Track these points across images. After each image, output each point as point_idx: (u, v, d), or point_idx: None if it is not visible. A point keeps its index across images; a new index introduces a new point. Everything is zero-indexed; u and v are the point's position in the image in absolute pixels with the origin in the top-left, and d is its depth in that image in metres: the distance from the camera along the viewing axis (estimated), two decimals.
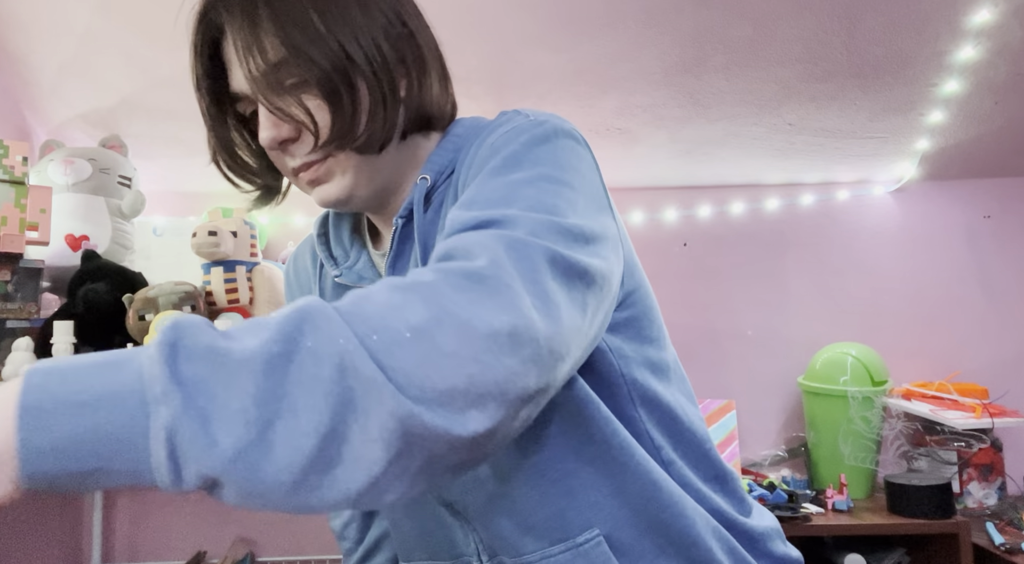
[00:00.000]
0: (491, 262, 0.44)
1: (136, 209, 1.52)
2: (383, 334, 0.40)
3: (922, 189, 1.96)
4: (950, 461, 1.70)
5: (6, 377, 1.21)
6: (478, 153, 0.63)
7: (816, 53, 1.52)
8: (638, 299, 0.66)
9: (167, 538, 1.75)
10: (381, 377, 0.38)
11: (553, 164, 0.57)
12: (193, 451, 0.39)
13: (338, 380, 0.38)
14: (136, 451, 0.39)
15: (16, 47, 1.48)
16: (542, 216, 0.50)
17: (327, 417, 0.38)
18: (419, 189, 0.67)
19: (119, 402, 0.38)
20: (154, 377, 0.38)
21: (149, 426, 0.38)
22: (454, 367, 0.39)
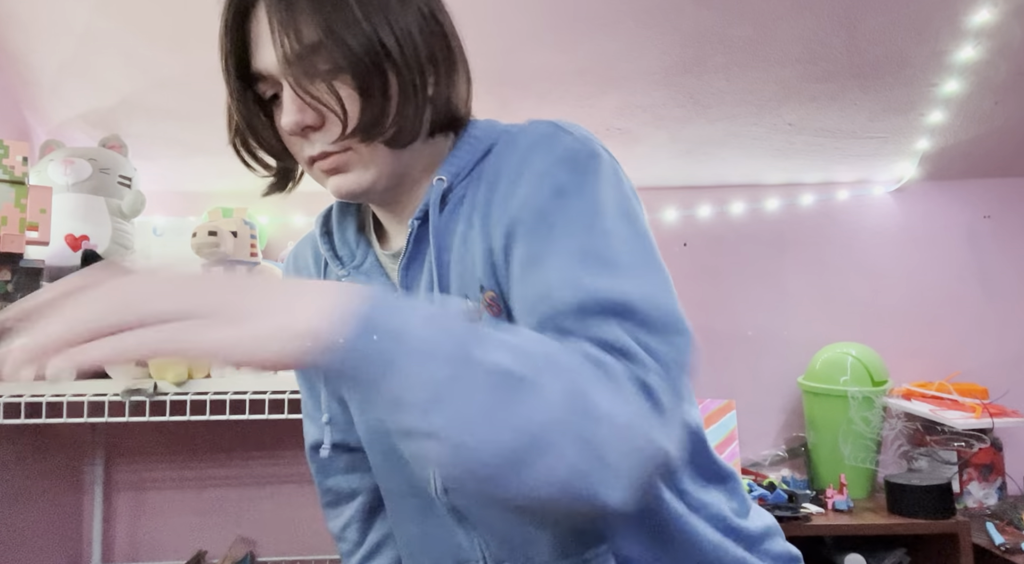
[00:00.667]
0: (657, 384, 0.50)
1: (136, 209, 1.52)
2: (598, 424, 0.46)
3: (922, 189, 1.96)
4: (950, 461, 1.70)
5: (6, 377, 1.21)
6: (518, 168, 0.61)
7: (816, 53, 1.52)
8: None
9: (167, 538, 1.75)
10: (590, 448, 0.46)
11: (625, 210, 0.60)
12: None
13: (566, 414, 0.45)
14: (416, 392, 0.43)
15: (16, 47, 1.48)
16: (657, 310, 0.55)
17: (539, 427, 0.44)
18: (436, 190, 0.65)
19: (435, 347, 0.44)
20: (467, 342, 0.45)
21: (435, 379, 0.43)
22: (630, 468, 0.47)
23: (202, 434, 1.75)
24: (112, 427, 1.72)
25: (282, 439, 1.74)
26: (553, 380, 0.45)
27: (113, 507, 1.75)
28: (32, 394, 1.19)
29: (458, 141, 0.69)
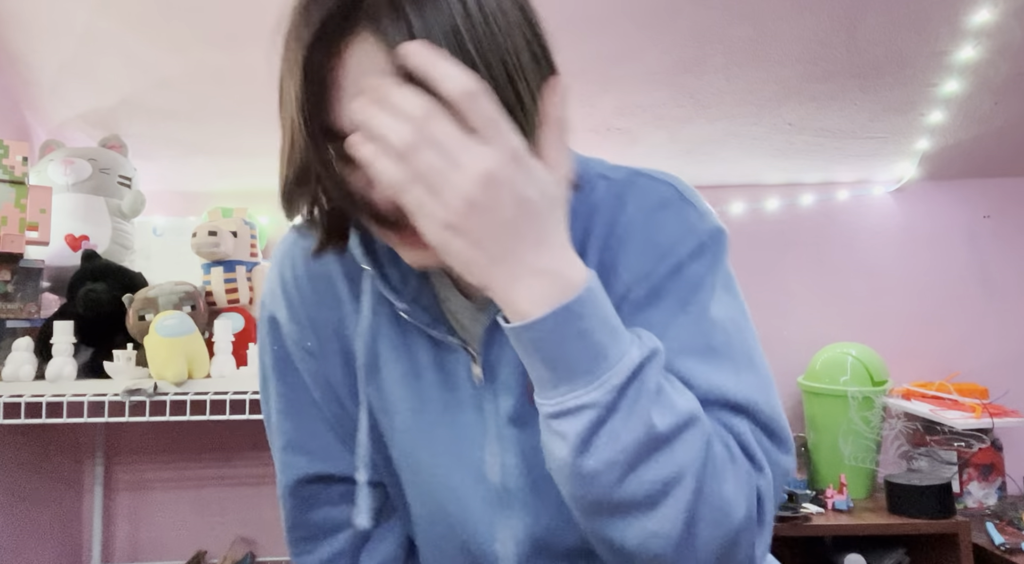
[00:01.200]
0: (767, 493, 0.53)
1: (136, 209, 1.52)
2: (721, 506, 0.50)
3: (922, 189, 1.96)
4: (950, 461, 1.70)
5: (6, 377, 1.21)
6: (642, 237, 0.59)
7: (816, 53, 1.52)
8: None
9: (167, 538, 1.75)
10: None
11: (740, 300, 0.64)
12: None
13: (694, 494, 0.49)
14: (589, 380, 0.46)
15: (16, 47, 1.48)
16: (778, 419, 0.57)
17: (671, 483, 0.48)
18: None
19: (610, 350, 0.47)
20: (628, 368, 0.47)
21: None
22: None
23: (202, 434, 1.75)
24: (112, 427, 1.72)
25: None
26: (692, 450, 0.48)
27: (113, 507, 1.75)
28: (32, 394, 1.19)
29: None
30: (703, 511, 0.48)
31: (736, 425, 0.54)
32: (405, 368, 0.63)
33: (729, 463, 0.51)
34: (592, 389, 0.46)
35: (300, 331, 0.66)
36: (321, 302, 0.66)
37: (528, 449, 0.60)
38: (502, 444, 0.61)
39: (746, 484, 0.51)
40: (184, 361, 1.21)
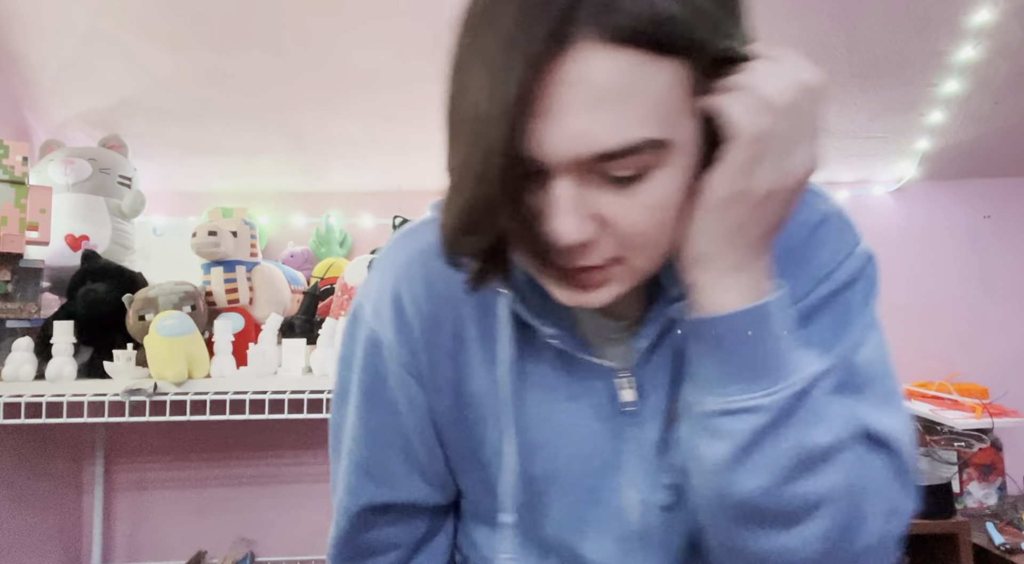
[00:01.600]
0: (904, 510, 0.57)
1: (136, 209, 1.52)
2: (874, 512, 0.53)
3: (922, 189, 1.96)
4: (950, 461, 1.70)
5: (6, 378, 1.21)
6: (802, 259, 0.59)
7: (816, 53, 1.52)
8: None
9: (167, 538, 1.75)
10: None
11: (885, 340, 0.64)
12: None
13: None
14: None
15: (16, 47, 1.48)
16: (913, 455, 0.57)
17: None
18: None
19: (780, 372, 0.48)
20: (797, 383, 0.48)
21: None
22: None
23: (202, 434, 1.75)
24: (112, 427, 1.72)
25: (282, 439, 1.74)
26: (845, 473, 0.49)
27: (113, 507, 1.75)
28: (32, 394, 1.19)
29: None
30: (839, 539, 0.49)
31: (873, 461, 0.53)
32: (549, 397, 0.58)
33: (874, 496, 0.52)
34: (770, 393, 0.46)
35: (412, 357, 0.60)
36: (440, 328, 0.59)
37: (670, 482, 0.58)
38: (646, 477, 0.58)
39: (883, 523, 0.53)
40: (184, 361, 1.21)
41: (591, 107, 0.41)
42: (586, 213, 0.45)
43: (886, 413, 0.55)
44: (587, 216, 0.45)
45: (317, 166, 1.80)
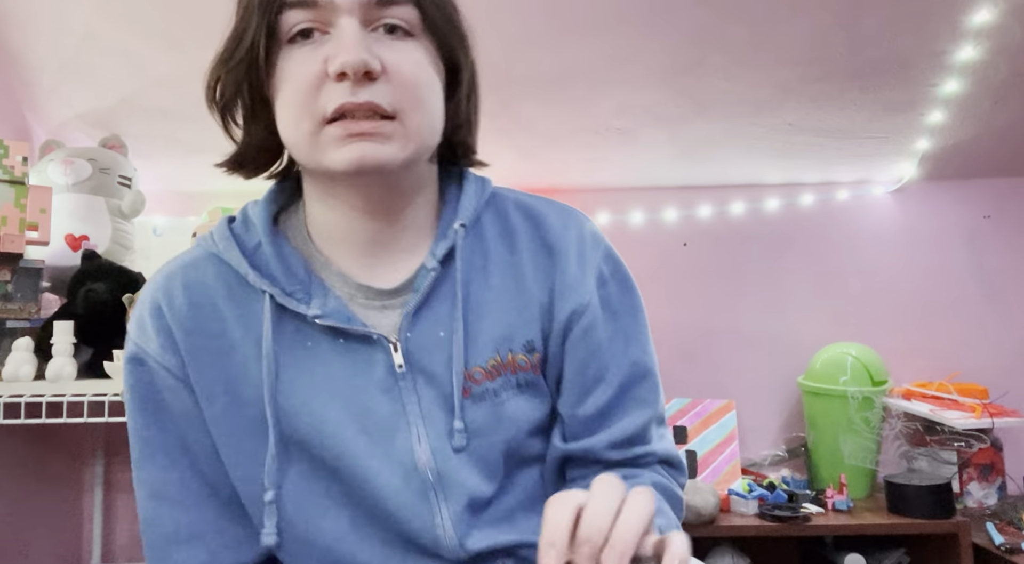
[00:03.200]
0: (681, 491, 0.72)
1: (136, 209, 1.52)
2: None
3: (922, 189, 1.96)
4: (950, 461, 1.70)
5: (6, 377, 1.21)
6: (577, 256, 0.66)
7: (816, 53, 1.52)
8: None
9: None
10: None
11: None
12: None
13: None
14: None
15: (16, 47, 1.48)
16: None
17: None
18: (460, 236, 0.64)
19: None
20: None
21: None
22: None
23: None
24: (112, 427, 1.72)
25: None
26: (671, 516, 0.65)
27: (113, 507, 1.75)
28: (32, 394, 1.19)
29: (465, 184, 0.68)
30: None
31: (669, 444, 0.73)
32: (320, 374, 0.61)
33: (676, 505, 0.71)
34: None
35: (178, 362, 0.61)
36: (203, 332, 0.62)
37: (453, 429, 0.62)
38: (429, 429, 0.62)
39: (678, 499, 0.73)
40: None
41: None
42: (368, 50, 0.54)
43: (663, 432, 0.72)
44: (369, 52, 0.54)
45: None
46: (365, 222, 0.63)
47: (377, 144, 0.55)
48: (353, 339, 0.61)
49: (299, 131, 0.56)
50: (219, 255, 0.63)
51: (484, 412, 0.63)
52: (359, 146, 0.55)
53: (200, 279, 0.63)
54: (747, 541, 1.62)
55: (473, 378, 0.63)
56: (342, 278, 0.64)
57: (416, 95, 0.56)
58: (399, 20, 0.56)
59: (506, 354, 0.64)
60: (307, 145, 0.56)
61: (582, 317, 0.66)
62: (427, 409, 0.62)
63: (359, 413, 0.61)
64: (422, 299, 0.62)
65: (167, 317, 0.62)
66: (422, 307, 0.63)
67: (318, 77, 0.55)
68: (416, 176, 0.63)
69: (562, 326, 0.66)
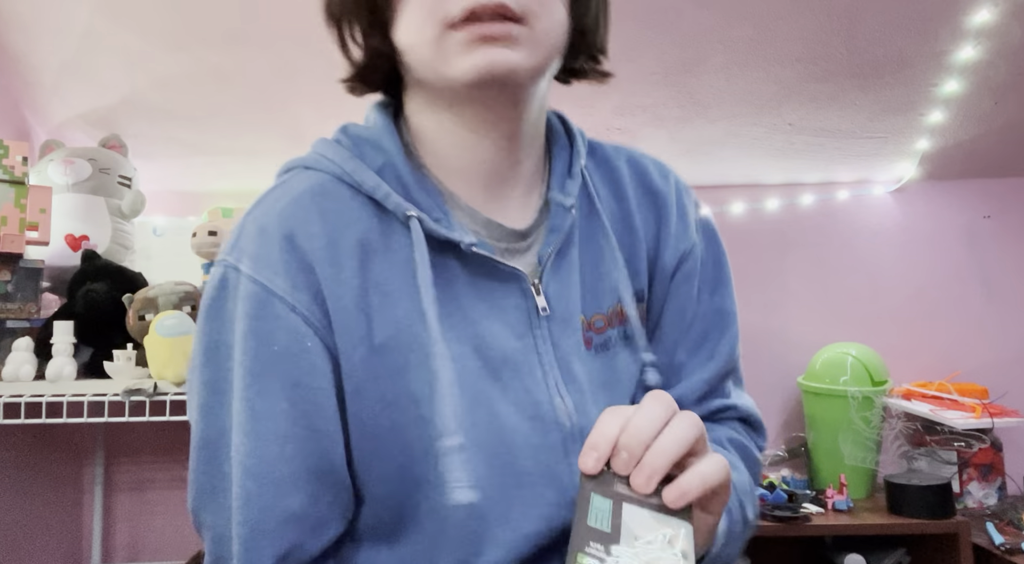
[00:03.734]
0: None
1: (136, 209, 1.52)
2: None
3: (922, 189, 1.96)
4: (950, 461, 1.70)
5: (6, 377, 1.21)
6: (679, 208, 0.67)
7: (816, 53, 1.52)
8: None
9: (167, 538, 1.75)
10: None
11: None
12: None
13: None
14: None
15: (16, 47, 1.48)
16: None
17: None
18: (589, 174, 0.63)
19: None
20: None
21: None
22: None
23: None
24: (112, 427, 1.72)
25: None
26: (754, 517, 0.63)
27: (113, 507, 1.75)
28: (32, 394, 1.19)
29: (567, 124, 0.65)
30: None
31: (747, 399, 0.77)
32: (456, 314, 0.55)
33: (756, 469, 0.71)
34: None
35: (314, 303, 0.51)
36: (344, 266, 0.52)
37: (588, 390, 0.59)
38: (567, 379, 0.58)
39: (758, 468, 0.75)
40: (184, 361, 1.21)
41: None
42: None
43: (741, 385, 0.73)
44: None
45: None
46: (486, 149, 0.57)
47: (507, 49, 0.49)
48: (494, 277, 0.56)
49: (421, 36, 0.51)
50: (343, 177, 0.55)
51: (601, 364, 0.61)
52: (488, 51, 0.49)
53: (336, 207, 0.54)
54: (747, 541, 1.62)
55: (594, 327, 0.61)
56: (470, 213, 0.57)
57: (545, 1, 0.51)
58: None
59: (616, 303, 0.62)
60: (430, 52, 0.51)
61: (686, 262, 0.65)
62: (563, 358, 0.58)
63: (494, 357, 0.55)
64: (566, 236, 0.59)
65: (303, 249, 0.52)
66: (564, 245, 0.59)
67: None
68: (539, 96, 0.57)
69: (669, 270, 0.65)
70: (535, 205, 0.61)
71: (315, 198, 0.54)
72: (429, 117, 0.57)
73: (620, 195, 0.65)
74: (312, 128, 1.68)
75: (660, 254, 0.65)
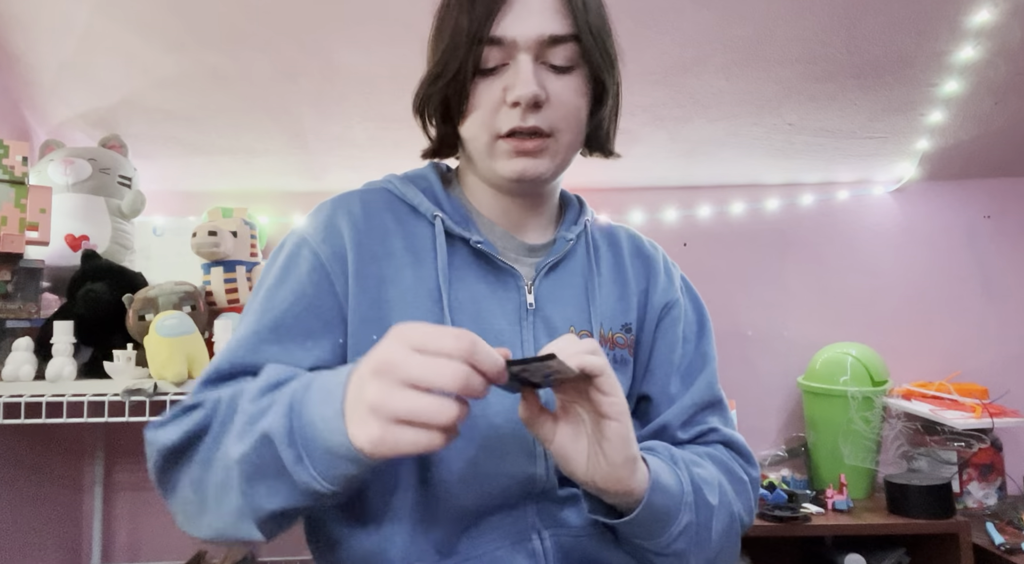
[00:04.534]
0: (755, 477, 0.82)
1: (136, 209, 1.52)
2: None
3: (922, 189, 1.96)
4: (950, 461, 1.70)
5: (6, 377, 1.21)
6: (666, 272, 0.85)
7: (816, 53, 1.52)
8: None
9: (167, 538, 1.75)
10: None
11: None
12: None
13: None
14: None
15: (16, 47, 1.48)
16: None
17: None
18: (590, 225, 0.83)
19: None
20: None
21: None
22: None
23: None
24: (112, 427, 1.72)
25: None
26: (724, 505, 0.72)
27: (113, 507, 1.75)
28: (32, 394, 1.19)
29: (573, 196, 0.87)
30: (729, 531, 0.74)
31: (732, 434, 0.81)
32: (463, 294, 0.73)
33: (740, 491, 0.76)
34: (678, 527, 0.66)
35: (333, 256, 0.72)
36: (371, 235, 0.73)
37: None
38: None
39: (747, 492, 0.79)
40: (184, 361, 1.21)
41: (543, 10, 0.69)
42: (539, 83, 0.68)
43: (726, 418, 0.81)
44: (539, 84, 0.68)
45: (317, 166, 1.80)
46: (512, 203, 0.78)
47: (535, 160, 0.71)
48: (496, 271, 0.75)
49: (479, 141, 0.72)
50: (391, 190, 0.78)
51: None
52: (522, 161, 0.71)
53: (374, 200, 0.77)
54: (747, 541, 1.62)
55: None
56: (490, 226, 0.79)
57: (571, 119, 0.71)
58: (563, 58, 0.70)
59: (608, 330, 0.78)
60: (484, 152, 0.72)
61: (672, 310, 0.83)
62: (540, 346, 0.73)
63: (486, 330, 0.71)
64: (560, 258, 0.78)
65: (339, 222, 0.73)
66: (557, 265, 0.78)
67: (497, 103, 0.70)
68: (556, 181, 0.79)
69: (656, 314, 0.82)
70: (548, 238, 0.81)
71: (363, 194, 0.77)
72: (476, 179, 0.79)
73: (616, 251, 0.84)
74: (312, 128, 1.68)
75: (649, 300, 0.83)
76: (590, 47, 0.71)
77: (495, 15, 0.68)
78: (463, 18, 0.69)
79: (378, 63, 1.50)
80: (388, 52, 1.47)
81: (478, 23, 0.68)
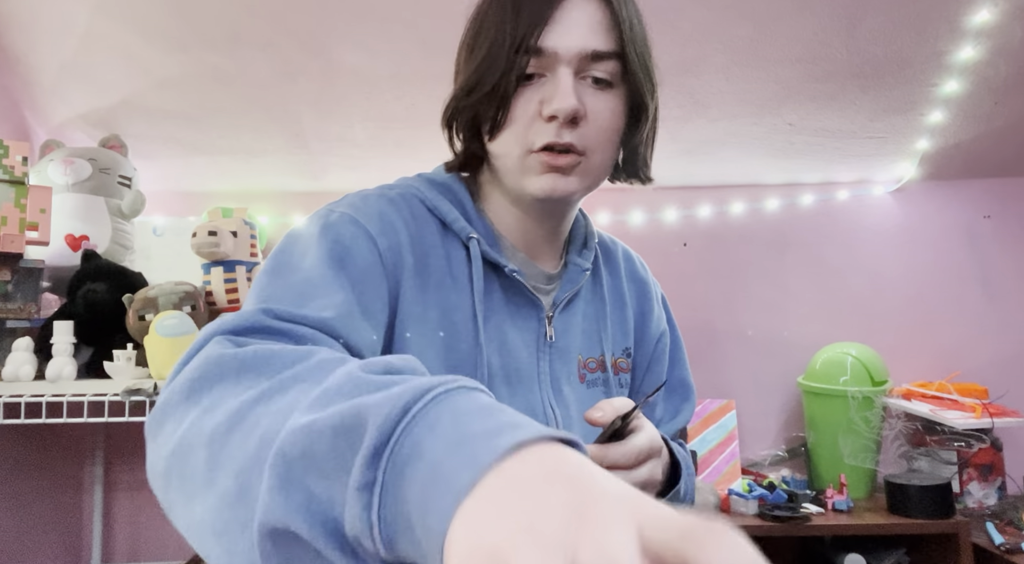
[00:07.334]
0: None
1: (136, 209, 1.52)
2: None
3: (922, 189, 1.96)
4: (950, 461, 1.70)
5: (6, 377, 1.21)
6: (656, 295, 0.88)
7: (816, 53, 1.52)
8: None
9: (167, 538, 1.75)
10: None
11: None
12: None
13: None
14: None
15: (16, 47, 1.48)
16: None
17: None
18: (599, 249, 0.83)
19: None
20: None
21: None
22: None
23: None
24: (112, 427, 1.72)
25: None
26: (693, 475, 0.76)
27: (113, 507, 1.75)
28: (32, 394, 1.19)
29: (583, 212, 0.83)
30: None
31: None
32: (501, 322, 0.71)
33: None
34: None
35: (389, 248, 0.66)
36: (420, 242, 0.69)
37: (574, 410, 0.74)
38: (557, 398, 0.73)
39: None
40: None
41: (589, 24, 0.66)
42: (577, 98, 0.64)
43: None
44: (578, 99, 0.64)
45: (317, 166, 1.80)
46: (534, 223, 0.75)
47: (566, 178, 0.67)
48: (519, 299, 0.73)
49: (510, 155, 0.68)
50: (425, 202, 0.72)
51: (590, 396, 0.76)
52: (552, 178, 0.67)
53: (417, 208, 0.71)
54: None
55: (588, 367, 0.77)
56: (512, 252, 0.75)
57: (606, 138, 0.69)
58: (604, 73, 0.67)
59: (610, 356, 0.78)
60: (514, 167, 0.68)
61: (663, 338, 0.86)
62: (556, 380, 0.73)
63: (508, 364, 0.71)
64: (577, 290, 0.77)
65: (390, 219, 0.67)
66: (574, 297, 0.77)
67: (532, 116, 0.66)
68: (578, 204, 0.77)
69: (651, 346, 0.85)
70: (559, 264, 0.79)
71: (405, 199, 0.71)
72: (498, 196, 0.75)
73: (613, 271, 0.84)
74: (312, 128, 1.68)
75: (645, 329, 0.84)
76: (633, 66, 0.69)
77: (542, 26, 0.64)
78: (505, 28, 0.65)
79: (378, 63, 1.50)
80: (388, 52, 1.47)
81: (523, 34, 0.64)
